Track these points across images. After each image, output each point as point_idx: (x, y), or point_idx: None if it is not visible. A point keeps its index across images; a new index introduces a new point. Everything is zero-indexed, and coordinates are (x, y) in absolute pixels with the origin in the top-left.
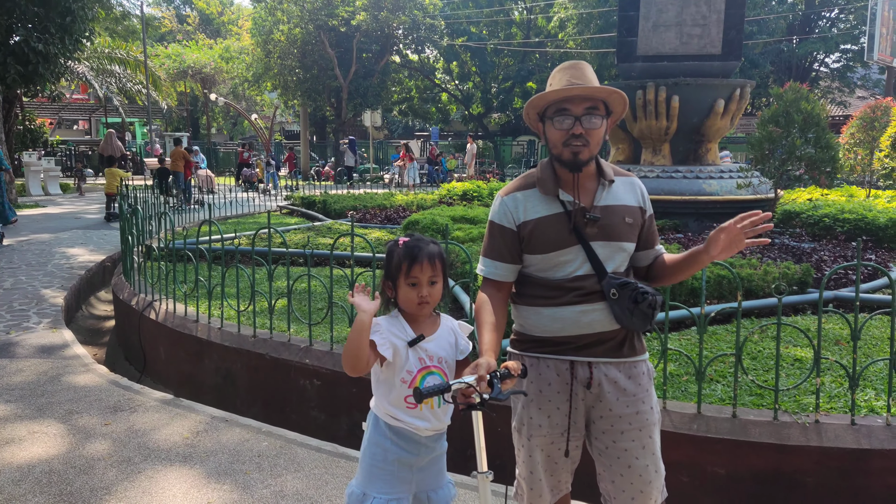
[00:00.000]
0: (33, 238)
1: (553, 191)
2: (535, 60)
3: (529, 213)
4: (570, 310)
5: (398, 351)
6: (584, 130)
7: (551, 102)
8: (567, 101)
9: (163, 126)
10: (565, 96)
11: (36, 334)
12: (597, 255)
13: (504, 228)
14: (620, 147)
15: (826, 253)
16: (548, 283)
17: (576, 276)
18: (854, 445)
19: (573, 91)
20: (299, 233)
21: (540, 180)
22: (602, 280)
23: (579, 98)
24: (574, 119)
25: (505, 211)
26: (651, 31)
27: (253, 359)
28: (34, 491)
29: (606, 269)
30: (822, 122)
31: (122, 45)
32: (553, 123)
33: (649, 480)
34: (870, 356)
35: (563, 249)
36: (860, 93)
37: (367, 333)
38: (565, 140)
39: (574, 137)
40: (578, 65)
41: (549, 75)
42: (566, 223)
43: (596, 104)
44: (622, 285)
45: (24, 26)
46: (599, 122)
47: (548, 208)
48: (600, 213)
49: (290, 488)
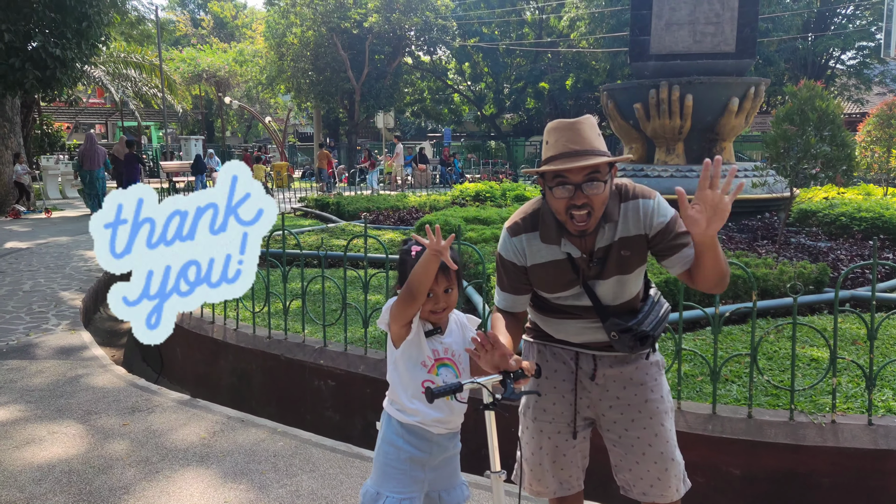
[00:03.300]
0: (51, 241)
1: (555, 241)
2: (548, 60)
3: (535, 257)
4: (574, 324)
5: (419, 335)
6: (587, 197)
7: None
8: (565, 170)
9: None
10: (562, 170)
11: (55, 336)
12: (597, 297)
13: (515, 265)
14: (634, 147)
15: (843, 252)
16: (556, 307)
17: (577, 306)
18: (871, 446)
19: (570, 169)
20: (313, 234)
21: (543, 226)
22: (604, 321)
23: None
24: (574, 187)
25: (514, 250)
26: (664, 29)
27: (268, 360)
28: (54, 490)
29: (607, 302)
30: (838, 119)
31: (137, 50)
32: (553, 193)
33: (665, 468)
34: (887, 356)
35: (566, 291)
36: (878, 89)
37: (433, 268)
38: (567, 209)
39: (576, 207)
40: (575, 126)
41: (545, 130)
42: (568, 269)
43: (598, 167)
44: (622, 331)
45: (41, 32)
46: (603, 186)
47: (551, 254)
48: (602, 255)
49: (306, 488)
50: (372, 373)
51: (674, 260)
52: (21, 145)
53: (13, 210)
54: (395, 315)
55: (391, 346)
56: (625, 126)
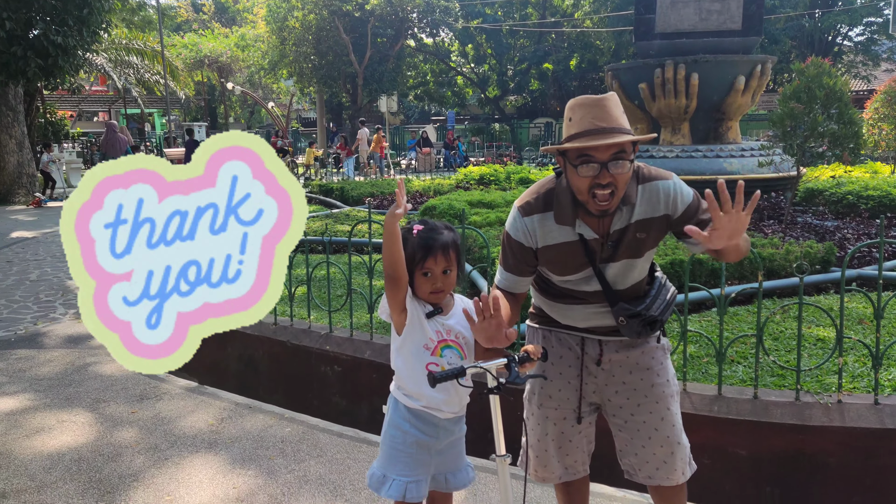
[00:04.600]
0: (57, 230)
1: (570, 222)
2: (552, 41)
3: (546, 238)
4: (581, 309)
5: (419, 318)
6: (612, 177)
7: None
8: (591, 147)
9: (181, 116)
10: (589, 147)
11: (62, 325)
12: (605, 279)
13: (522, 246)
14: (639, 127)
15: (850, 231)
16: (564, 290)
17: (585, 290)
18: (878, 425)
19: (598, 146)
20: (318, 220)
21: (558, 207)
22: (612, 305)
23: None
24: (600, 166)
25: (524, 229)
26: (669, 7)
27: (274, 346)
28: (64, 478)
29: (616, 286)
30: (845, 97)
31: (139, 36)
32: (577, 171)
33: (671, 451)
34: (894, 335)
35: (577, 274)
36: (886, 66)
37: (395, 237)
38: (591, 188)
39: (601, 186)
40: (601, 102)
41: (566, 107)
42: (580, 251)
43: (623, 146)
44: (631, 316)
45: (42, 20)
46: (628, 165)
47: (564, 235)
48: (616, 238)
49: (314, 473)
50: (378, 358)
51: None
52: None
53: (35, 199)
54: (388, 301)
55: (394, 334)
56: (630, 106)
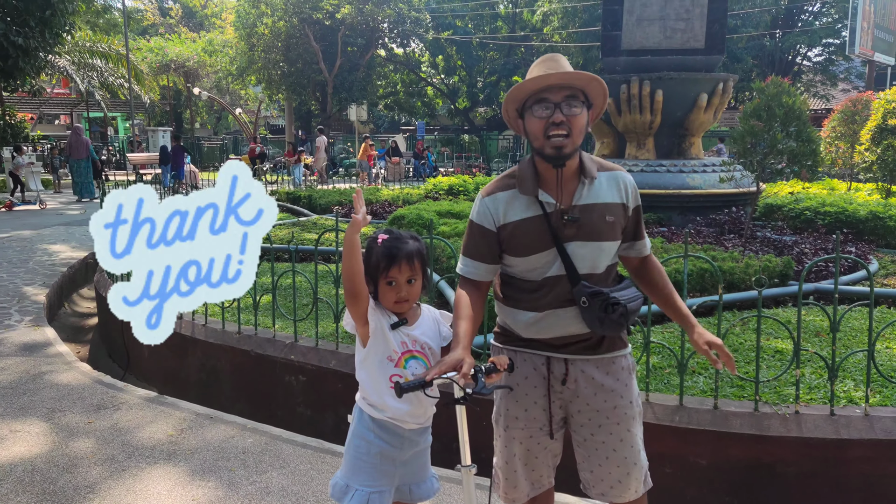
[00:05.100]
0: (14, 235)
1: (532, 191)
2: (521, 54)
3: (509, 215)
4: (547, 314)
5: (382, 329)
6: (565, 117)
7: (530, 93)
8: (545, 91)
9: (146, 121)
10: (543, 85)
11: (18, 332)
12: (570, 258)
13: (484, 229)
14: (605, 141)
15: (807, 245)
16: (527, 286)
17: (547, 277)
18: (833, 436)
19: (551, 79)
20: (284, 228)
21: (520, 179)
22: (574, 286)
23: (557, 86)
24: (554, 106)
25: (485, 212)
26: (635, 25)
27: (237, 355)
28: (16, 490)
29: (581, 269)
30: (804, 116)
31: (103, 39)
32: (533, 113)
33: (627, 472)
34: (849, 347)
35: (541, 253)
36: (843, 85)
37: (355, 249)
38: (546, 130)
39: (555, 126)
40: (554, 56)
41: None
42: (545, 225)
43: (575, 92)
44: (593, 295)
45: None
46: (580, 109)
47: (526, 210)
48: (579, 213)
49: (276, 485)
50: (343, 368)
51: (631, 245)
52: None
53: (7, 202)
54: (350, 313)
55: (359, 345)
56: (597, 121)
